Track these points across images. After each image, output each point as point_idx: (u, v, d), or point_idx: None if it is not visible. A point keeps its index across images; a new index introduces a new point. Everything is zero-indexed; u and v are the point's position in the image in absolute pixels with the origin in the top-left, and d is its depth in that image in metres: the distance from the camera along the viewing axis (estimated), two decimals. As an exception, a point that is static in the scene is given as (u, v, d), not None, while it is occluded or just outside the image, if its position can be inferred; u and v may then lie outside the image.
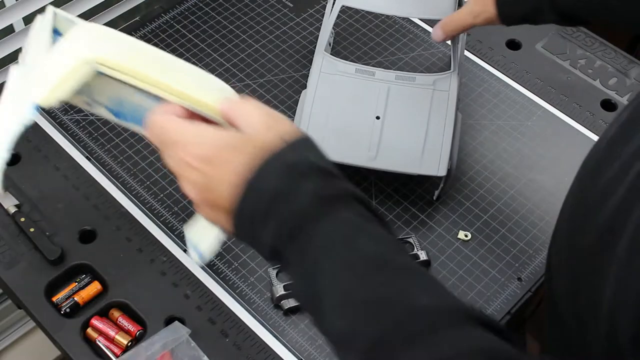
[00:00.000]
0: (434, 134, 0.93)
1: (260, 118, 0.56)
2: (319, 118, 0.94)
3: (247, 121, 0.56)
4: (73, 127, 1.03)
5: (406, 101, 0.96)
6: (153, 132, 0.58)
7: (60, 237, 0.92)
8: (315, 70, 0.97)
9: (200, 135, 0.56)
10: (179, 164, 0.56)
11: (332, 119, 0.94)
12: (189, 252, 0.65)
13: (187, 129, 0.56)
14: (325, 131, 0.93)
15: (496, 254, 0.95)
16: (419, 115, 0.94)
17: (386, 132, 0.93)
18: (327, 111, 0.94)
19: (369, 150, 0.92)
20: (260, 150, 0.53)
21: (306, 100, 0.95)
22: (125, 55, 0.60)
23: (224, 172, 0.54)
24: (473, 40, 1.17)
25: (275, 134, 0.54)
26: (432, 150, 0.92)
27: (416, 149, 0.92)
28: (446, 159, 0.92)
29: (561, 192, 1.01)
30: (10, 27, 1.04)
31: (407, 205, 0.98)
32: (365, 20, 1.19)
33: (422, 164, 0.92)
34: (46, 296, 0.87)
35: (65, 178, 0.98)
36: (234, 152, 0.54)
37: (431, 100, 0.95)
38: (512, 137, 1.06)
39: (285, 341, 0.86)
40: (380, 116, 0.94)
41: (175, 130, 0.57)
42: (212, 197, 0.55)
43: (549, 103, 1.10)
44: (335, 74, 0.97)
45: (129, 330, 0.85)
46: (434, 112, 0.94)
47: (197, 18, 1.18)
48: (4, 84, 0.64)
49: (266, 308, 0.88)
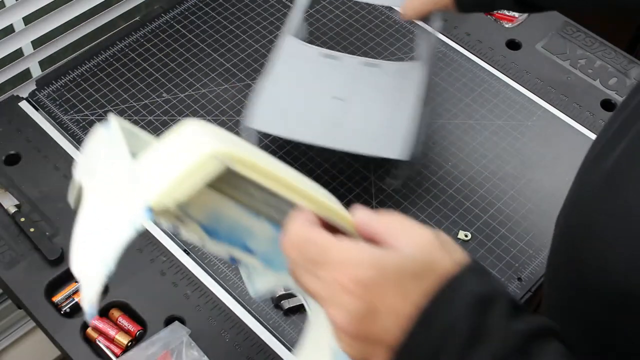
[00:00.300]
0: (397, 118, 0.93)
1: (423, 237, 0.47)
2: (279, 96, 0.94)
3: (407, 240, 0.47)
4: (73, 127, 1.03)
5: (371, 86, 0.96)
6: (295, 245, 0.49)
7: (60, 237, 0.92)
8: (280, 52, 0.98)
9: (360, 254, 0.47)
10: (331, 286, 0.46)
11: (293, 99, 0.94)
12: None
13: (343, 245, 0.47)
14: (284, 108, 0.94)
15: (496, 254, 0.95)
16: (381, 100, 0.95)
17: (348, 114, 0.94)
18: (288, 90, 0.95)
19: (327, 130, 0.92)
20: (438, 276, 0.46)
21: (267, 79, 0.95)
22: (251, 152, 0.52)
23: (392, 301, 0.45)
24: (473, 40, 1.17)
25: (449, 257, 0.47)
26: (394, 134, 0.92)
27: (380, 131, 0.93)
28: (409, 142, 0.92)
29: (561, 192, 1.01)
30: (10, 27, 1.04)
31: (407, 205, 0.98)
32: (371, 16, 1.19)
33: (384, 146, 0.92)
34: (46, 296, 0.87)
35: (65, 178, 0.98)
36: (404, 276, 0.46)
37: (396, 87, 0.96)
38: (512, 137, 1.06)
39: (285, 341, 0.86)
40: (342, 98, 0.94)
41: (327, 246, 0.47)
42: (371, 329, 0.46)
43: (549, 103, 1.10)
44: (300, 56, 0.98)
45: (129, 330, 0.85)
46: (399, 98, 0.95)
47: (197, 18, 1.18)
48: (3, 84, 0.64)
49: (266, 308, 0.88)
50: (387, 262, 0.46)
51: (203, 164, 0.49)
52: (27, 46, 1.08)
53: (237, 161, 0.49)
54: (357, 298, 0.45)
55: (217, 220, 0.56)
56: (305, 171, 1.00)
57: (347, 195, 0.99)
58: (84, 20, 1.13)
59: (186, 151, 0.50)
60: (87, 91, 1.07)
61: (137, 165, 0.53)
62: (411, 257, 0.46)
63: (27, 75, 1.10)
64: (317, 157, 1.02)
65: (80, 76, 1.09)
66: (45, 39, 1.09)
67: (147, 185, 0.50)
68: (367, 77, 0.97)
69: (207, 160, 0.49)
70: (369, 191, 0.99)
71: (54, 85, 1.07)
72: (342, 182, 1.00)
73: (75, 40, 1.13)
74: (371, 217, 0.50)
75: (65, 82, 1.08)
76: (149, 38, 1.14)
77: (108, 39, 1.14)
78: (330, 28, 1.17)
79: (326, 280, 0.47)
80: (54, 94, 1.07)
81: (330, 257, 0.47)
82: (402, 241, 0.47)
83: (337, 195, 1.01)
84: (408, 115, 0.93)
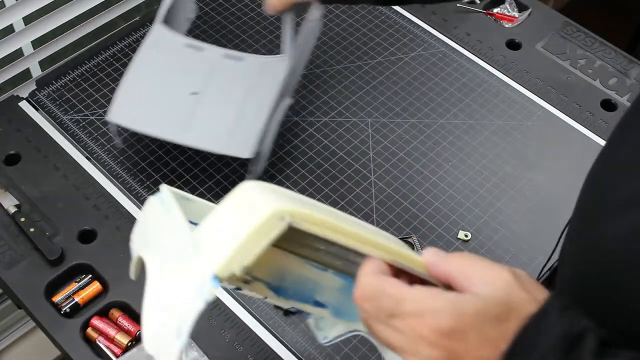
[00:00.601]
0: (249, 115, 0.92)
1: (501, 276, 0.46)
2: (137, 87, 0.93)
3: (483, 280, 0.46)
4: (73, 127, 1.03)
5: (228, 80, 0.94)
6: (368, 297, 0.48)
7: (60, 237, 0.92)
8: (146, 41, 0.97)
9: (435, 302, 0.46)
10: (410, 337, 0.46)
11: (151, 91, 0.93)
12: None
13: (417, 294, 0.46)
14: (141, 101, 0.93)
15: (496, 254, 0.95)
16: (237, 95, 0.93)
17: (201, 109, 0.92)
18: (146, 81, 0.94)
19: (180, 125, 0.92)
20: (520, 317, 0.44)
21: (130, 69, 0.95)
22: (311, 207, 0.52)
23: (474, 347, 0.44)
24: (473, 40, 1.17)
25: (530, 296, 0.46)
26: (243, 132, 0.91)
27: (227, 129, 0.91)
28: (255, 141, 0.91)
29: (561, 192, 1.02)
30: (10, 27, 1.04)
31: (407, 205, 0.98)
32: (365, 20, 1.19)
33: (230, 144, 0.91)
34: (46, 296, 0.87)
35: (65, 178, 0.98)
36: (484, 320, 0.44)
37: (254, 82, 0.94)
38: (512, 137, 1.06)
39: (285, 341, 0.86)
40: (197, 92, 0.93)
41: (402, 297, 0.47)
42: None
43: (549, 103, 1.10)
44: (165, 46, 0.97)
45: (129, 330, 0.85)
46: (254, 93, 0.93)
47: (197, 18, 1.18)
48: (3, 84, 0.64)
49: (266, 308, 0.88)
50: (465, 308, 0.45)
51: (267, 225, 0.48)
52: (27, 46, 1.08)
53: (301, 218, 0.49)
54: (439, 348, 0.45)
55: (283, 278, 0.57)
56: (305, 171, 1.01)
57: (347, 195, 0.99)
58: (84, 20, 1.13)
59: (248, 213, 0.49)
60: (87, 91, 1.07)
61: (197, 233, 0.52)
62: (490, 300, 0.45)
63: (27, 75, 1.10)
64: (317, 156, 1.02)
65: (80, 76, 1.09)
66: (45, 39, 1.09)
67: (211, 254, 0.50)
68: (226, 70, 0.95)
69: (270, 220, 0.48)
70: (369, 191, 0.99)
71: (54, 85, 1.08)
72: (342, 182, 1.00)
73: (75, 40, 1.13)
74: (442, 258, 0.49)
75: (65, 82, 1.08)
76: (149, 38, 1.14)
77: (108, 39, 1.14)
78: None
79: (404, 331, 0.46)
80: (54, 94, 1.07)
81: (406, 308, 0.46)
82: (478, 283, 0.45)
83: (337, 195, 1.01)
84: (260, 111, 0.92)
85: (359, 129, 1.06)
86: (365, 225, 0.55)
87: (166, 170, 0.99)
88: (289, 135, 1.04)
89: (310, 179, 1.00)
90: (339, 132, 1.05)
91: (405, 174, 1.01)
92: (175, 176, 0.99)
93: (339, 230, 0.50)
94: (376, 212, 0.97)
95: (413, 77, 1.12)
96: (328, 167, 1.01)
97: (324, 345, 0.85)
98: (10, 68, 1.07)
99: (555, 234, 0.94)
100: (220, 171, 0.99)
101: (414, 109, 1.08)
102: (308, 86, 1.10)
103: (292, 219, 0.49)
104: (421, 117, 1.07)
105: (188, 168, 0.99)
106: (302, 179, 1.00)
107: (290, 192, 0.56)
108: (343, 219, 0.53)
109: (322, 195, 0.98)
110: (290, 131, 1.05)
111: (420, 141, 1.05)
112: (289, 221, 0.48)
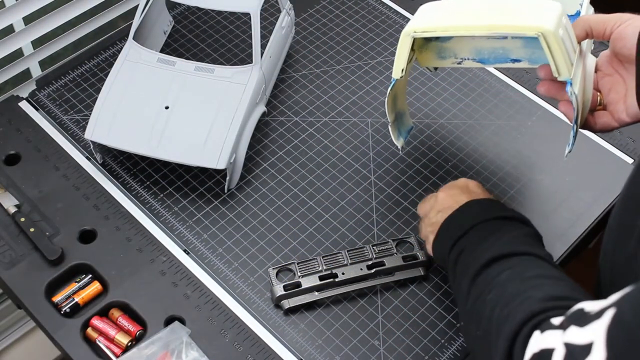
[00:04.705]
0: (221, 126, 0.93)
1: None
2: (112, 104, 0.95)
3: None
4: (73, 127, 1.03)
5: (199, 92, 0.96)
6: (421, 207, 0.91)
7: (60, 237, 0.92)
8: (120, 57, 0.99)
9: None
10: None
11: (124, 106, 0.95)
12: None
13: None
14: (116, 117, 0.94)
15: (496, 254, 0.95)
16: (208, 107, 0.95)
17: (172, 123, 0.94)
18: (121, 98, 0.95)
19: (152, 139, 0.93)
20: (473, 194, 0.86)
21: (104, 86, 0.96)
22: (437, 17, 0.82)
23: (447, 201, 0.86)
24: (473, 40, 1.17)
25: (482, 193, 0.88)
26: (215, 143, 0.92)
27: (200, 140, 0.93)
28: (228, 152, 0.92)
29: (561, 192, 1.02)
30: (10, 27, 1.04)
31: (407, 205, 0.98)
32: (365, 20, 1.19)
33: (202, 155, 0.92)
34: (46, 296, 0.87)
35: (65, 178, 0.98)
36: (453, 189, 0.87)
37: (225, 93, 0.95)
38: (512, 137, 1.06)
39: (285, 341, 0.86)
40: (169, 106, 0.94)
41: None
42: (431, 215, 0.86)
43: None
44: (138, 62, 0.98)
45: (129, 330, 0.85)
46: (225, 104, 0.95)
47: (197, 18, 1.18)
48: (3, 84, 0.64)
49: (266, 308, 0.88)
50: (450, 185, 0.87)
51: (402, 42, 0.84)
52: (27, 46, 1.08)
53: (421, 30, 0.83)
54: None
55: (479, 53, 0.88)
56: (305, 171, 1.01)
57: (347, 195, 0.99)
58: (84, 20, 1.13)
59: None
60: (87, 91, 1.07)
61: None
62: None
63: (27, 75, 1.10)
64: (317, 156, 1.02)
65: (80, 76, 1.09)
66: (45, 39, 1.09)
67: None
68: (197, 83, 0.96)
69: (403, 39, 0.84)
70: (369, 191, 0.99)
71: (54, 85, 1.08)
72: (342, 182, 1.00)
73: (75, 40, 1.13)
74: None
75: (65, 82, 1.08)
76: (149, 38, 1.14)
77: (108, 39, 1.14)
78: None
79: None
80: (54, 94, 1.07)
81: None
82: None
83: (337, 195, 1.01)
84: (232, 121, 0.93)
85: (359, 129, 1.06)
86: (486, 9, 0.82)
87: (166, 170, 0.99)
88: (289, 135, 1.04)
89: (310, 179, 1.00)
90: (339, 132, 1.05)
91: (405, 174, 1.01)
92: (175, 176, 0.99)
93: (451, 30, 0.81)
94: (376, 212, 0.97)
95: (413, 77, 1.12)
96: (328, 167, 1.01)
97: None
98: (10, 68, 1.07)
99: (555, 234, 0.94)
100: (221, 170, 0.99)
101: (413, 109, 1.08)
102: (308, 86, 1.10)
103: (415, 33, 0.82)
104: (421, 117, 1.07)
105: (188, 168, 0.99)
106: (302, 179, 1.00)
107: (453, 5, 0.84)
108: (478, 13, 0.81)
109: (322, 196, 0.98)
110: (290, 131, 1.05)
111: (420, 141, 1.05)
112: (415, 36, 0.83)
